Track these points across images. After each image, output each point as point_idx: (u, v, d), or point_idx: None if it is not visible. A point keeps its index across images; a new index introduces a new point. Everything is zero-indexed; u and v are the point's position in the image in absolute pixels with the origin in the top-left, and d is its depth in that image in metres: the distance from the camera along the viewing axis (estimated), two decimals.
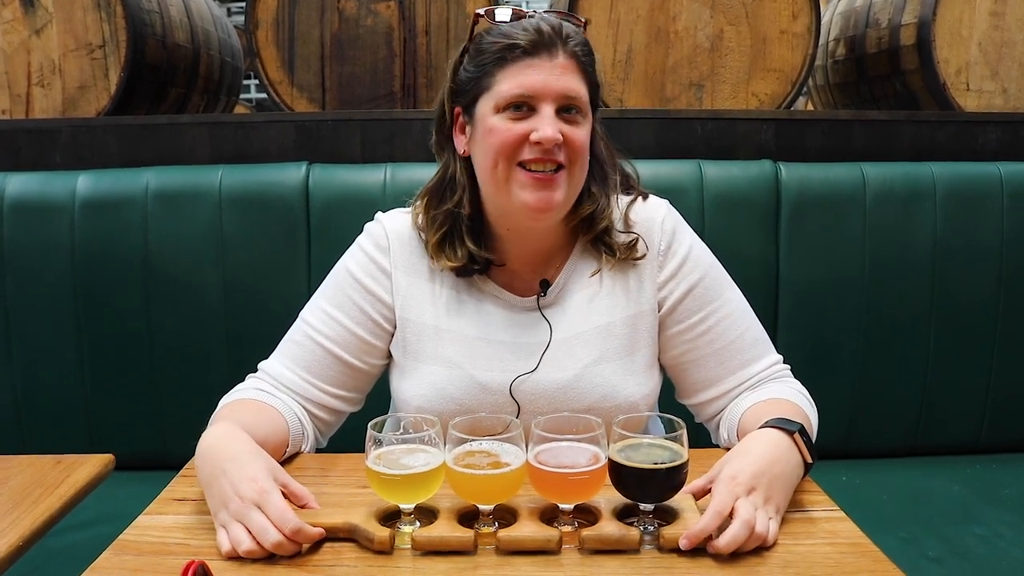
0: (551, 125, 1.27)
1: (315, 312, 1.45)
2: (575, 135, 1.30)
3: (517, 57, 1.29)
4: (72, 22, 2.47)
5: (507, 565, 1.04)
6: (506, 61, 1.30)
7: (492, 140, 1.31)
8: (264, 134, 2.40)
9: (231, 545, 1.05)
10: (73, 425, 2.19)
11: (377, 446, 1.11)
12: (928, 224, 2.18)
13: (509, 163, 1.30)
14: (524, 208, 1.31)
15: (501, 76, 1.30)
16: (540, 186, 1.30)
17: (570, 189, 1.33)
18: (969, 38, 2.54)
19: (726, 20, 2.49)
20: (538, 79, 1.28)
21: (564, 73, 1.29)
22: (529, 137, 1.28)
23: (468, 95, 1.35)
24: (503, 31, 1.31)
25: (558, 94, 1.28)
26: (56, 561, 1.71)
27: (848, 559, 1.05)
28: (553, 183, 1.30)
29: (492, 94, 1.31)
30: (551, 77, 1.28)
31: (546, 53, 1.29)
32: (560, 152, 1.29)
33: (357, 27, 2.57)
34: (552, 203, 1.31)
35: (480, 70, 1.33)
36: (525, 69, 1.29)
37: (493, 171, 1.32)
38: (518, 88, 1.28)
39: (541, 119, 1.28)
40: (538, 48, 1.28)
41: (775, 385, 1.41)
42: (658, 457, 1.08)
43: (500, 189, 1.33)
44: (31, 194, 2.17)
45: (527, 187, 1.30)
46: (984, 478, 2.11)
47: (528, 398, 1.39)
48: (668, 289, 1.43)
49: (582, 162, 1.33)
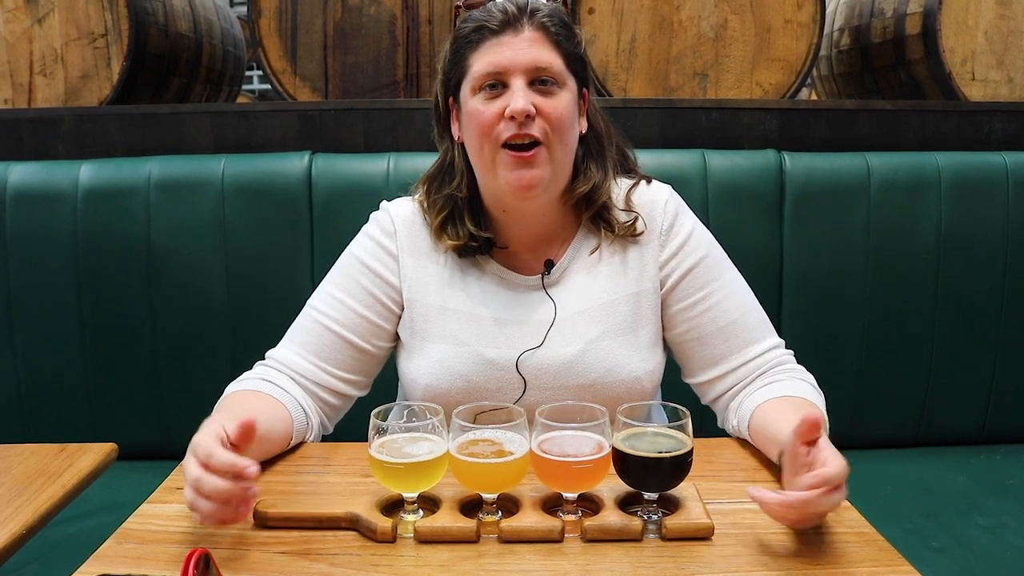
0: (522, 97, 1.30)
1: (323, 298, 1.47)
2: (551, 105, 1.32)
3: (485, 38, 1.35)
4: (74, 11, 2.46)
5: (510, 554, 1.04)
6: (477, 43, 1.35)
7: (474, 123, 1.35)
8: (267, 123, 2.40)
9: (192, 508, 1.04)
10: (76, 414, 2.19)
11: (380, 434, 1.10)
12: (933, 214, 2.17)
13: (493, 144, 1.33)
14: (509, 188, 1.34)
15: (474, 58, 1.35)
16: (521, 164, 1.32)
17: (554, 165, 1.35)
18: (975, 27, 2.53)
19: (730, 9, 2.47)
20: (506, 54, 1.33)
21: (532, 46, 1.33)
22: (504, 113, 1.31)
23: (452, 83, 1.41)
24: (474, 16, 1.37)
25: (527, 66, 1.32)
26: (59, 550, 1.71)
27: (853, 549, 1.04)
28: (533, 160, 1.32)
29: (468, 77, 1.36)
30: (518, 51, 1.32)
31: (512, 30, 1.34)
32: (535, 125, 1.31)
33: (360, 16, 2.56)
34: (534, 180, 1.33)
35: (457, 56, 1.38)
36: (493, 48, 1.34)
37: (480, 154, 1.36)
38: (487, 66, 1.33)
39: (513, 92, 1.31)
40: (504, 26, 1.34)
41: (786, 382, 1.40)
42: (662, 446, 1.08)
43: (488, 171, 1.37)
44: (33, 183, 2.17)
45: (509, 166, 1.33)
46: (988, 469, 2.11)
47: (534, 373, 1.40)
48: (670, 268, 1.44)
49: (561, 134, 1.34)
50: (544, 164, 1.33)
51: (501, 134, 1.32)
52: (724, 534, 1.08)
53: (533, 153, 1.32)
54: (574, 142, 1.39)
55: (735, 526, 1.10)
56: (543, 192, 1.36)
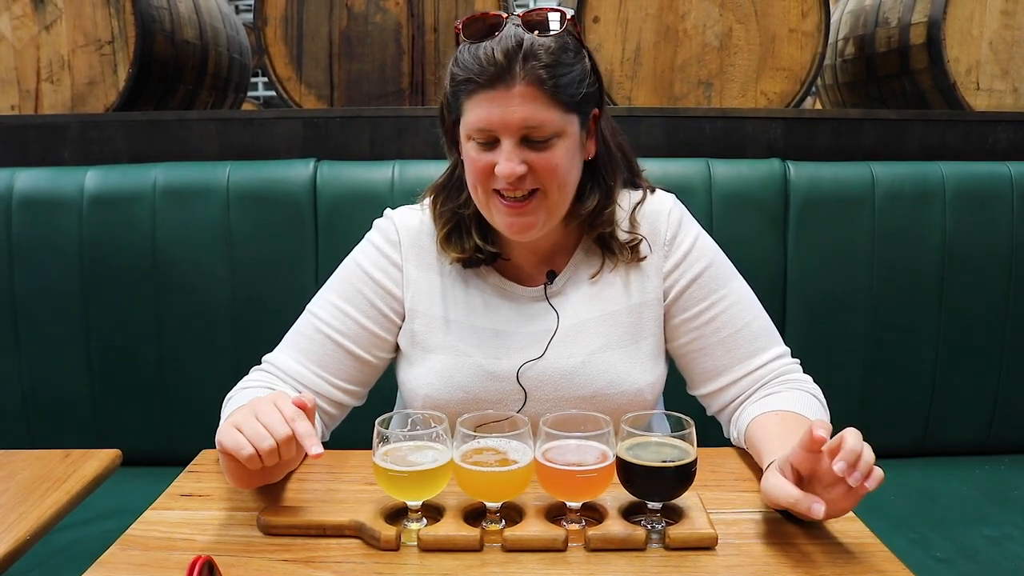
0: (511, 159, 1.26)
1: (324, 306, 1.45)
2: (542, 161, 1.28)
3: (475, 91, 1.27)
4: (81, 18, 2.48)
5: (513, 563, 1.04)
6: (468, 94, 1.28)
7: (468, 166, 1.33)
8: (272, 131, 2.40)
9: (234, 448, 1.07)
10: (80, 420, 2.19)
11: (384, 443, 1.10)
12: (937, 224, 2.17)
13: (486, 189, 1.32)
14: (504, 230, 1.35)
15: (466, 107, 1.30)
16: (514, 212, 1.31)
17: (549, 210, 1.33)
18: (980, 37, 2.53)
19: (735, 18, 2.48)
20: (495, 112, 1.26)
21: (524, 102, 1.25)
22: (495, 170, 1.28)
23: (453, 114, 1.36)
24: (464, 62, 1.28)
25: (517, 126, 1.26)
26: (63, 555, 1.71)
27: (857, 559, 1.04)
28: (526, 209, 1.31)
29: (463, 122, 1.32)
30: (507, 110, 1.25)
31: (503, 85, 1.25)
32: (527, 181, 1.29)
33: (366, 24, 2.57)
34: (528, 227, 1.33)
35: (454, 97, 1.32)
36: (483, 103, 1.27)
37: (476, 194, 1.35)
38: (478, 122, 1.27)
39: (502, 153, 1.27)
40: (494, 81, 1.25)
41: (783, 394, 1.39)
42: (667, 455, 1.08)
43: (484, 209, 1.36)
44: (40, 190, 2.18)
45: (503, 213, 1.32)
46: (993, 479, 2.10)
47: (535, 384, 1.40)
48: (673, 278, 1.43)
49: (558, 184, 1.31)
50: (539, 211, 1.32)
51: (493, 183, 1.30)
52: (728, 544, 1.08)
53: (526, 203, 1.30)
54: (575, 179, 1.36)
55: (739, 536, 1.10)
56: (538, 232, 1.35)
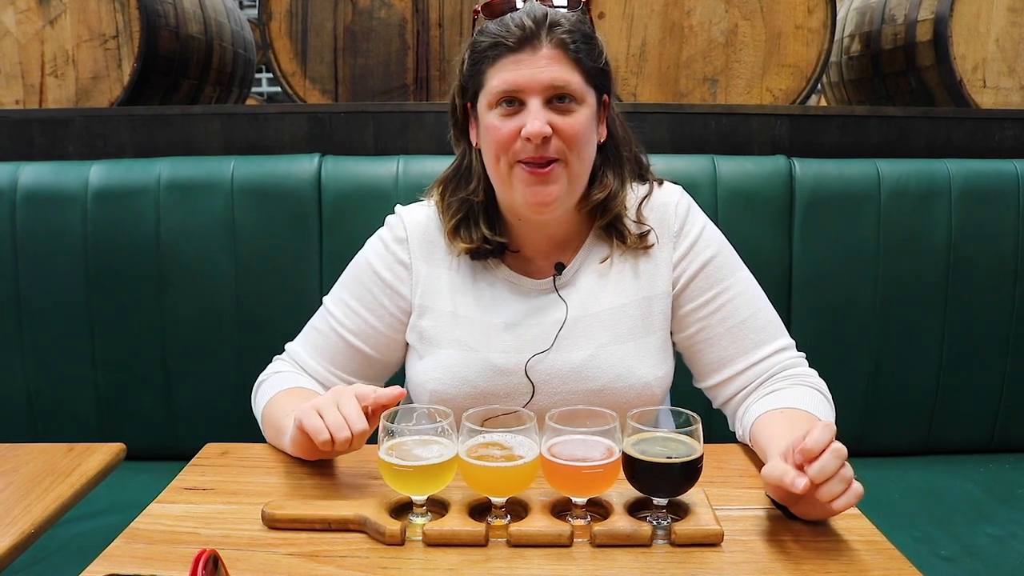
0: (539, 118, 1.29)
1: (337, 303, 1.49)
2: (567, 124, 1.31)
3: (502, 54, 1.32)
4: (86, 12, 2.47)
5: (519, 558, 1.04)
6: (494, 59, 1.33)
7: (490, 138, 1.35)
8: (277, 126, 2.40)
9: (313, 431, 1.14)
10: (84, 414, 2.19)
11: (390, 437, 1.10)
12: (943, 222, 2.16)
13: (509, 160, 1.33)
14: (524, 203, 1.35)
15: (491, 73, 1.34)
16: (537, 181, 1.32)
17: (570, 181, 1.35)
18: (986, 34, 2.52)
19: (741, 15, 2.47)
20: (523, 74, 1.31)
21: (550, 64, 1.31)
22: (520, 133, 1.30)
23: (470, 92, 1.40)
24: (491, 30, 1.34)
25: (545, 85, 1.30)
26: (67, 549, 1.72)
27: (862, 557, 1.04)
28: (549, 177, 1.32)
29: (486, 91, 1.35)
30: (536, 70, 1.30)
31: (529, 47, 1.31)
32: (552, 144, 1.31)
33: (370, 19, 2.57)
34: (550, 197, 1.33)
35: (475, 68, 1.37)
36: (510, 65, 1.32)
37: (496, 168, 1.36)
38: (504, 84, 1.32)
39: (529, 113, 1.30)
40: (522, 43, 1.31)
41: (787, 391, 1.39)
42: (673, 451, 1.08)
43: (504, 184, 1.37)
44: (44, 184, 2.17)
45: (525, 182, 1.33)
46: (998, 477, 2.10)
47: (543, 378, 1.40)
48: (681, 268, 1.44)
49: (579, 150, 1.34)
50: (560, 180, 1.33)
51: (518, 152, 1.32)
52: (733, 540, 1.07)
53: (549, 170, 1.32)
54: (592, 155, 1.38)
55: (744, 532, 1.10)
56: (559, 206, 1.36)
